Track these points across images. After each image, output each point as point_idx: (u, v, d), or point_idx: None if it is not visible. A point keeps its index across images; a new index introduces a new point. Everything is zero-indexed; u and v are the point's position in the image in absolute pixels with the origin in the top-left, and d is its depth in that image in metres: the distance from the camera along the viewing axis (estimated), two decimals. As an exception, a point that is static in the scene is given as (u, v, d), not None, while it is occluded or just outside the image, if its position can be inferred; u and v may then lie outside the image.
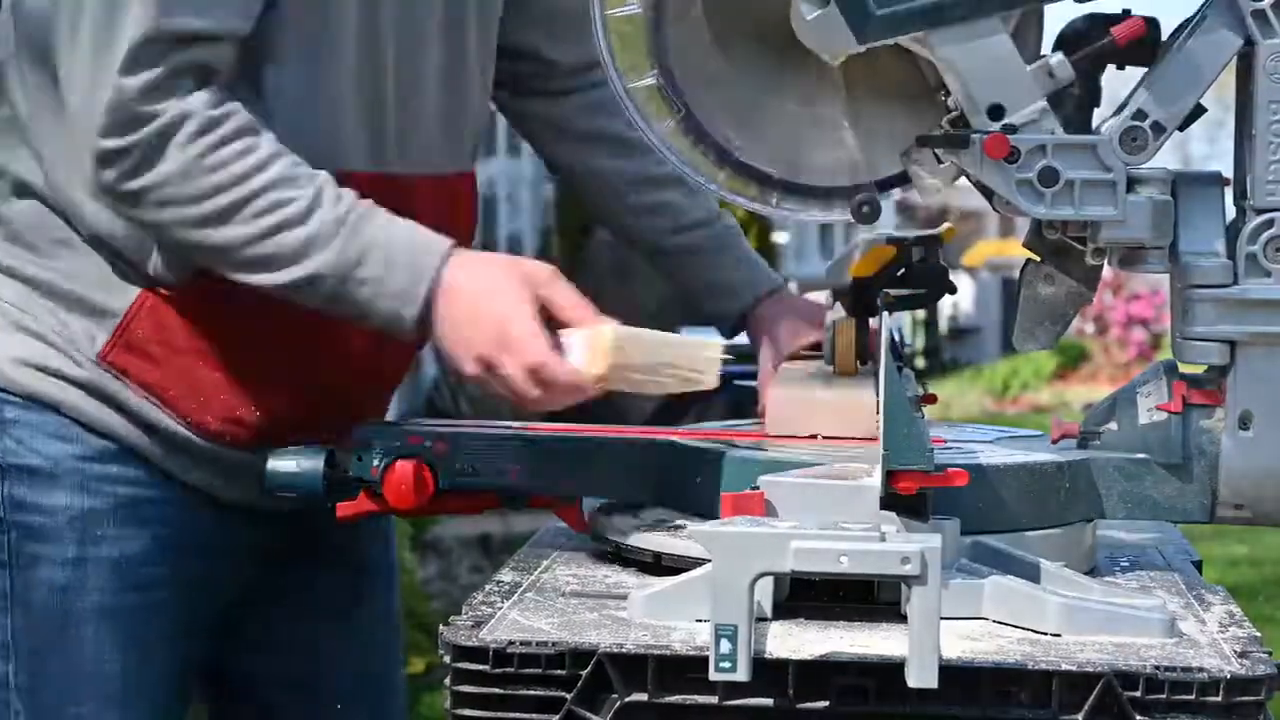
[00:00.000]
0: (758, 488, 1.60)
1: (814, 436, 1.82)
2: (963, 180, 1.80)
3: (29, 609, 1.91)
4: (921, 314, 17.41)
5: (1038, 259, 1.81)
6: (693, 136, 1.90)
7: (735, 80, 1.89)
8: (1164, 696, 1.42)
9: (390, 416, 2.14)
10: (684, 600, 1.54)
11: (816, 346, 2.09)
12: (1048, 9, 1.75)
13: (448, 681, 1.47)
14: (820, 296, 2.21)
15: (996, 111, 1.72)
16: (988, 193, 1.76)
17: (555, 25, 2.17)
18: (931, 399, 2.01)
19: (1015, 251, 19.04)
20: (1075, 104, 1.75)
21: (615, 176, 2.19)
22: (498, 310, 1.74)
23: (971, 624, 1.55)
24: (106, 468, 1.92)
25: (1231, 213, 1.77)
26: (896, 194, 1.92)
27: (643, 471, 1.80)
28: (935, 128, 1.79)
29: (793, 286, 2.33)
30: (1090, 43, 1.74)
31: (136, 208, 1.79)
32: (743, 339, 2.25)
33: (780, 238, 15.17)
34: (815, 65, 1.81)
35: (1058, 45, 1.75)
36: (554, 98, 2.21)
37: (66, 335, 1.91)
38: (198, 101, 1.76)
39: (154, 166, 1.76)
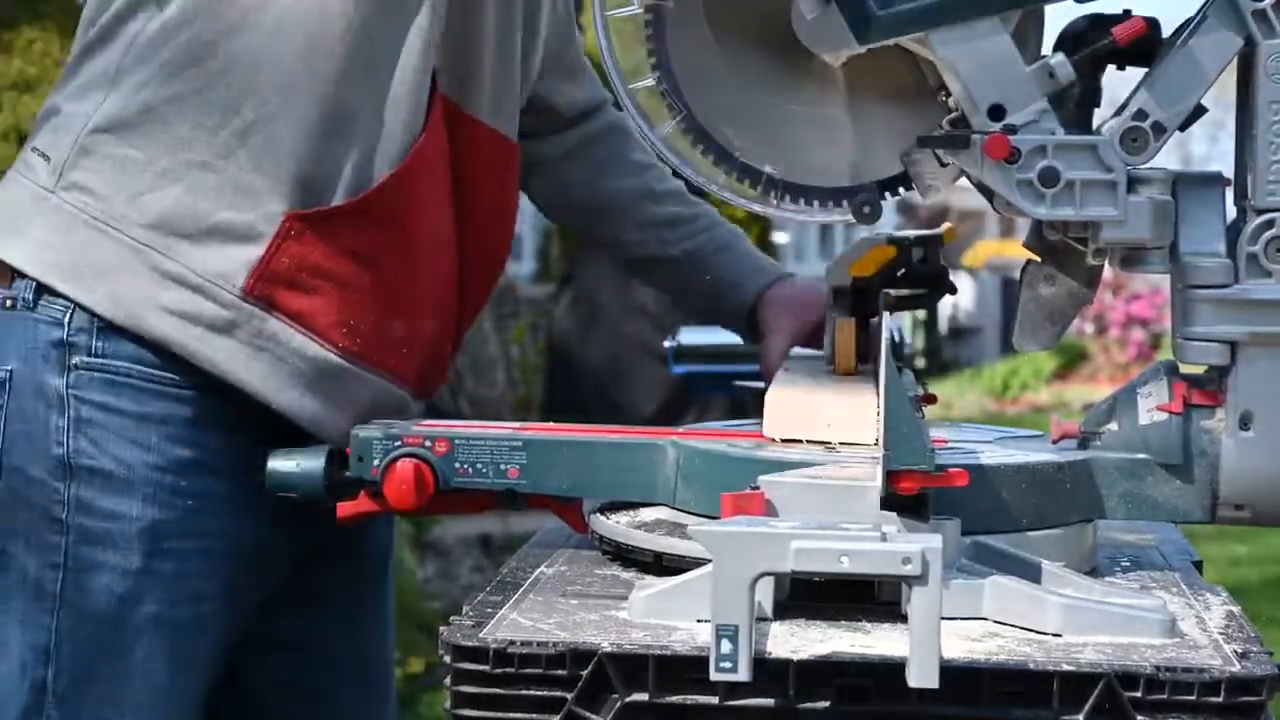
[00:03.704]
0: (758, 488, 1.60)
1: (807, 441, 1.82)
2: (963, 180, 1.80)
3: (79, 615, 1.88)
4: (921, 314, 17.38)
5: (1038, 259, 1.81)
6: (693, 137, 1.90)
7: (736, 81, 1.89)
8: (1164, 697, 1.42)
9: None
10: (684, 600, 1.54)
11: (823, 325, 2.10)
12: (1048, 9, 1.75)
13: (448, 681, 1.47)
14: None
15: (997, 112, 1.72)
16: (988, 193, 1.76)
17: (559, 69, 2.20)
18: (931, 399, 2.01)
19: (1015, 251, 19.02)
20: (1076, 104, 1.75)
21: (618, 196, 2.22)
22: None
23: (972, 624, 1.54)
24: (179, 480, 1.90)
25: (1232, 213, 1.77)
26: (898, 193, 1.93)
27: (642, 471, 1.79)
28: (935, 128, 1.79)
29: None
30: (1091, 43, 1.74)
31: None
32: (735, 338, 2.25)
33: (780, 238, 15.15)
34: (816, 65, 1.82)
35: (1058, 45, 1.75)
36: (555, 135, 2.24)
37: (208, 272, 1.87)
38: None
39: None
